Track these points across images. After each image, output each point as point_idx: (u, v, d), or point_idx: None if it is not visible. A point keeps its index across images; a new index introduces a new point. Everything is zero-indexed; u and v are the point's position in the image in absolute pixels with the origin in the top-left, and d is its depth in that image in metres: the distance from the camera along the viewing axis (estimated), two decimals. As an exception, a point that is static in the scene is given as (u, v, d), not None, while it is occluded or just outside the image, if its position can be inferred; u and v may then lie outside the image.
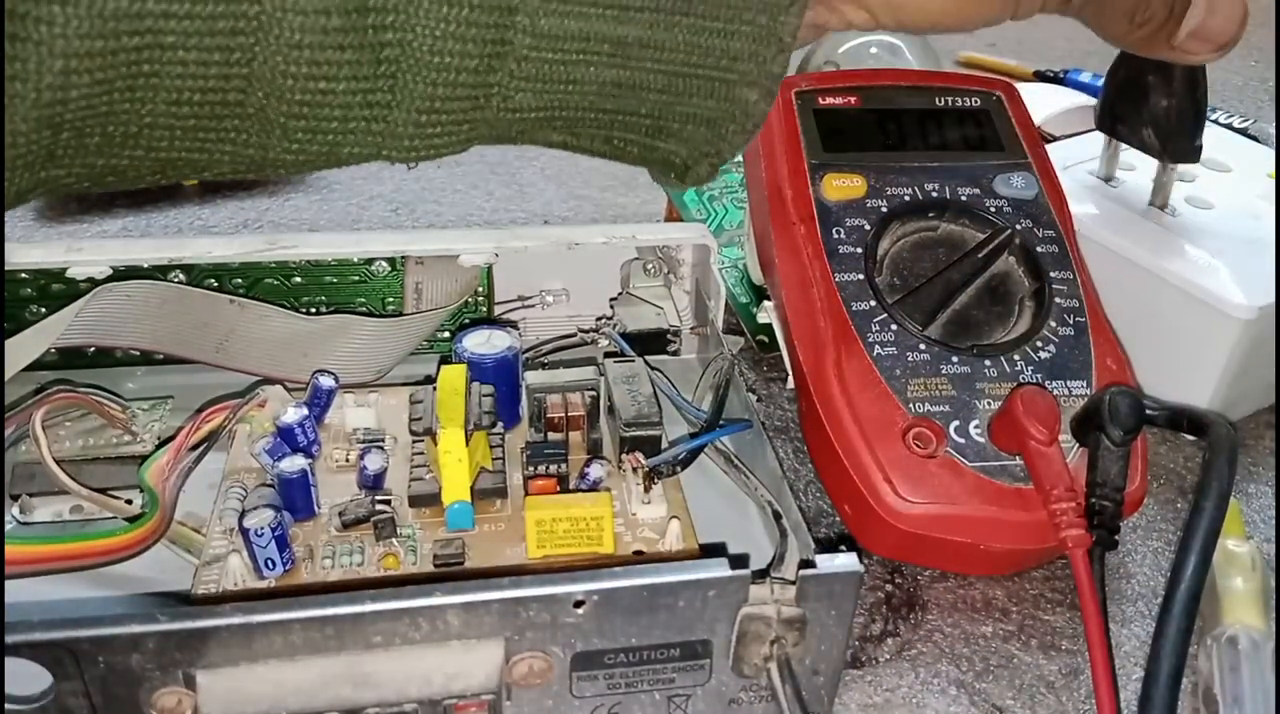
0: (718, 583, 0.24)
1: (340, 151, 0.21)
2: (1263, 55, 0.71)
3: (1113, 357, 0.33)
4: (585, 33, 0.20)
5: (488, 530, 0.30)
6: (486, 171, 0.57)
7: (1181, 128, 0.37)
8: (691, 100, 0.21)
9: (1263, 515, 0.36)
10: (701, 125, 0.22)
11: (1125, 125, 0.38)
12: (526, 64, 0.20)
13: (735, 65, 0.21)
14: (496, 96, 0.20)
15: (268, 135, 0.20)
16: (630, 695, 0.26)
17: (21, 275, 0.35)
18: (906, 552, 0.32)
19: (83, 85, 0.17)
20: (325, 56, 0.19)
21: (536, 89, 0.21)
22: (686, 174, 0.23)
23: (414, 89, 0.19)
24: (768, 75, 0.21)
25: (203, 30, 0.18)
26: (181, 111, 0.19)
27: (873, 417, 0.31)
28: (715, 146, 0.22)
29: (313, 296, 0.38)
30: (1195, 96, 0.36)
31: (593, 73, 0.20)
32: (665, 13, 0.20)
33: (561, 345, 0.39)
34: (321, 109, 0.19)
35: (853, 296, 0.33)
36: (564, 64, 0.20)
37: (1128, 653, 0.31)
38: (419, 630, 0.23)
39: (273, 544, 0.28)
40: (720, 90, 0.21)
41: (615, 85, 0.21)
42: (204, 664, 0.23)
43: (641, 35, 0.20)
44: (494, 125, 0.21)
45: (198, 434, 0.31)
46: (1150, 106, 0.37)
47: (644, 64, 0.21)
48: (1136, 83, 0.37)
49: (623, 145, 0.22)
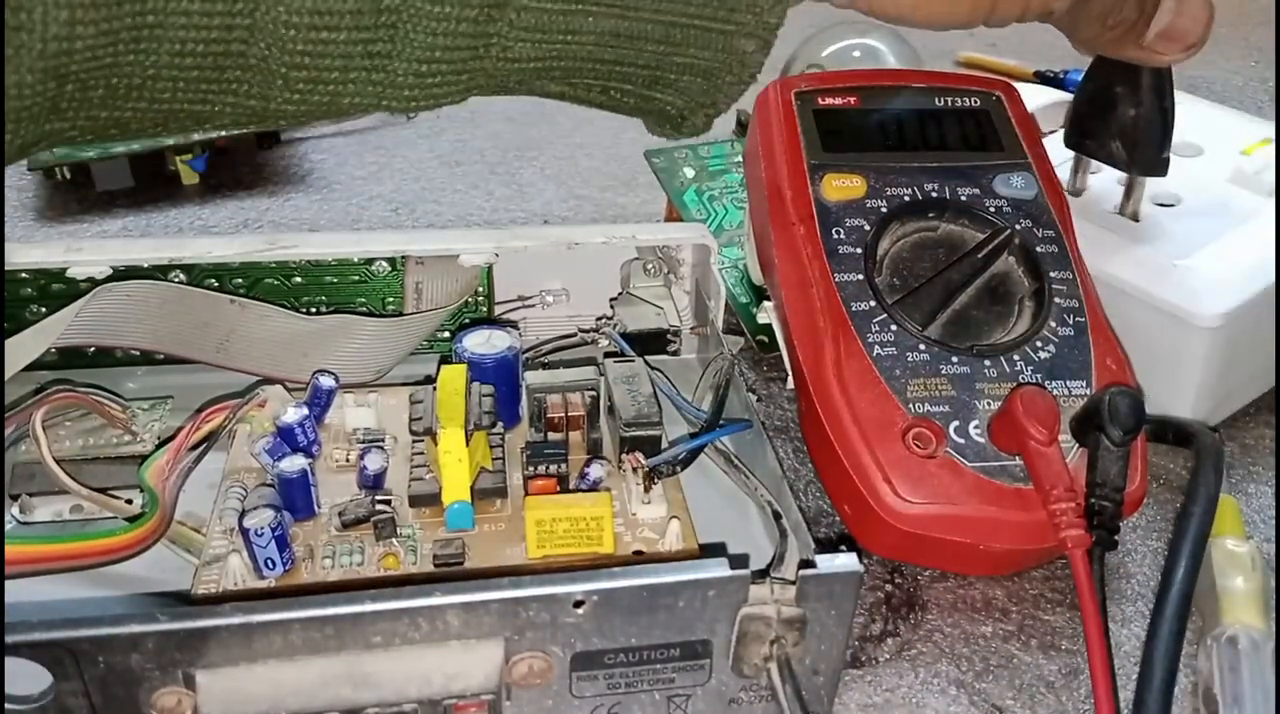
0: (718, 583, 0.24)
1: (341, 101, 0.21)
2: (1263, 55, 0.70)
3: (1112, 357, 0.33)
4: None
5: (488, 530, 0.30)
6: (486, 171, 0.57)
7: (1149, 138, 0.37)
8: (689, 51, 0.21)
9: (1263, 515, 0.36)
10: (698, 75, 0.22)
11: (1093, 139, 0.38)
12: (526, 14, 0.20)
13: (733, 16, 0.21)
14: (496, 46, 0.21)
15: (269, 86, 0.20)
16: (630, 695, 0.26)
17: (21, 275, 0.35)
18: (906, 552, 0.32)
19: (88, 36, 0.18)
20: (327, 6, 0.19)
21: (535, 39, 0.21)
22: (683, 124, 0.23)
23: (414, 39, 0.20)
24: (764, 26, 0.22)
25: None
26: (185, 63, 0.19)
27: (872, 417, 0.31)
28: (711, 97, 0.23)
29: (313, 296, 0.38)
30: (1163, 106, 0.36)
31: (591, 23, 0.20)
32: None
33: (561, 345, 0.39)
34: (323, 59, 0.20)
35: (852, 297, 0.33)
36: (563, 14, 0.20)
37: (1127, 653, 0.31)
38: (419, 630, 0.23)
39: (273, 544, 0.28)
40: (717, 41, 0.21)
41: (613, 35, 0.21)
42: (204, 664, 0.23)
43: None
44: (492, 75, 0.21)
45: (198, 434, 0.31)
46: (1118, 117, 0.37)
47: (642, 14, 0.21)
48: (1104, 94, 0.37)
49: (619, 96, 0.23)
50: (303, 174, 0.56)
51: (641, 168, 0.50)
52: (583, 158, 0.58)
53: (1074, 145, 0.39)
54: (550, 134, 0.60)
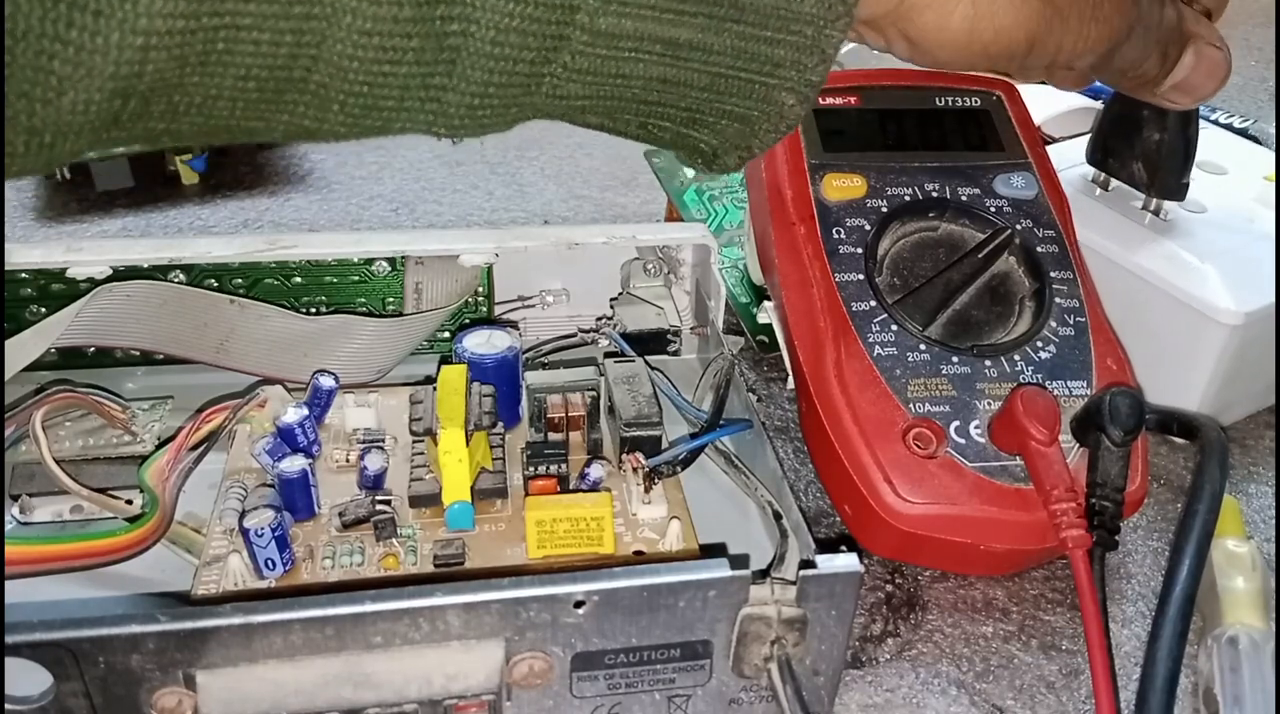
0: (718, 583, 0.24)
1: (392, 126, 0.21)
2: (1263, 55, 0.71)
3: (1113, 357, 0.33)
4: (640, 32, 0.21)
5: (488, 531, 0.30)
6: (486, 171, 0.57)
7: (1171, 164, 0.37)
8: (731, 99, 0.22)
9: (1263, 515, 0.36)
10: (736, 121, 0.23)
11: (1115, 159, 0.39)
12: (580, 58, 0.20)
13: (778, 71, 0.22)
14: (547, 85, 0.21)
15: (325, 109, 0.20)
16: (630, 696, 0.26)
17: (21, 275, 0.35)
18: (907, 552, 0.32)
19: (160, 60, 0.18)
20: (392, 43, 0.19)
21: (586, 81, 0.21)
22: (714, 162, 0.24)
23: (471, 75, 0.20)
24: (807, 83, 0.22)
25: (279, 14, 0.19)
26: (247, 86, 0.19)
27: (873, 417, 0.31)
28: (747, 142, 0.23)
29: (313, 297, 0.38)
30: (1186, 134, 0.37)
31: (641, 69, 0.21)
32: (717, 19, 0.21)
33: (562, 345, 0.39)
34: (381, 89, 0.20)
35: (853, 297, 0.33)
36: (616, 60, 0.21)
37: (1128, 653, 0.31)
38: (419, 631, 0.23)
39: (273, 544, 0.28)
40: (760, 92, 0.22)
41: (661, 81, 0.22)
42: (204, 664, 0.23)
43: (693, 38, 0.21)
44: (539, 109, 0.22)
45: (198, 434, 0.31)
46: (1142, 140, 0.37)
47: (691, 64, 0.21)
48: (1129, 117, 0.37)
49: (657, 132, 0.23)
50: (303, 174, 0.56)
51: (642, 168, 0.50)
52: (583, 157, 0.58)
53: (1097, 163, 0.40)
54: (551, 133, 0.60)
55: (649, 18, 0.20)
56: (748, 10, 0.21)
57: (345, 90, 0.20)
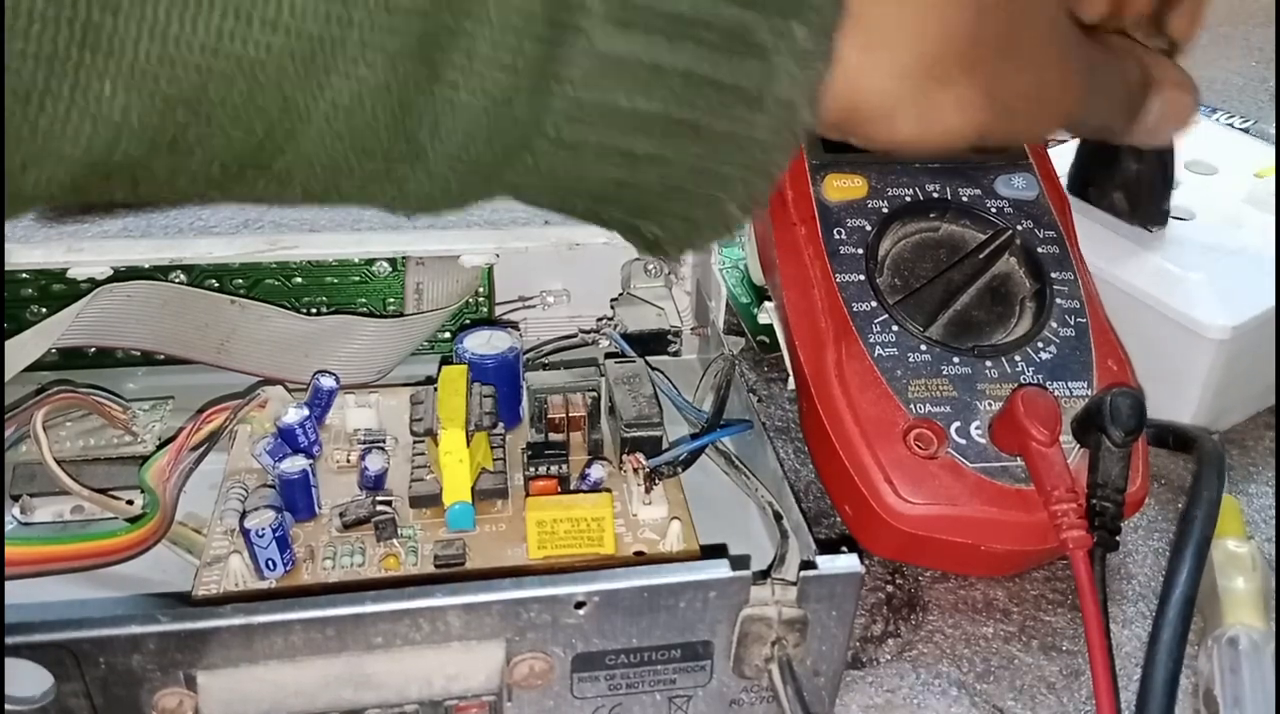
0: (719, 584, 0.24)
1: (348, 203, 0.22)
2: (1263, 55, 0.70)
3: (1114, 357, 0.33)
4: (602, 144, 0.21)
5: (488, 531, 0.30)
6: (487, 172, 0.56)
7: (1150, 193, 0.37)
8: (680, 204, 0.23)
9: (1263, 515, 0.36)
10: (682, 221, 0.23)
11: (1096, 188, 0.39)
12: (542, 160, 0.21)
13: (726, 186, 0.23)
14: (507, 182, 0.22)
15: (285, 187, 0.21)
16: (631, 696, 0.26)
17: (22, 275, 0.35)
18: (907, 552, 0.32)
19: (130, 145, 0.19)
20: (363, 143, 0.20)
21: (544, 183, 0.22)
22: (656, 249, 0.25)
23: (435, 170, 0.21)
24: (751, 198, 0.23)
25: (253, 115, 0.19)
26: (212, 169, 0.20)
27: (873, 417, 0.31)
28: (690, 238, 0.25)
29: (314, 297, 0.38)
30: (1164, 160, 0.37)
31: (598, 172, 0.22)
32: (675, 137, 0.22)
33: (562, 346, 0.39)
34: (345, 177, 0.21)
35: (854, 297, 0.33)
36: (576, 164, 0.22)
37: (1128, 654, 0.31)
38: (420, 631, 0.23)
39: (273, 545, 0.28)
40: (706, 201, 0.23)
41: (617, 184, 0.23)
42: (205, 665, 0.23)
43: (652, 151, 0.22)
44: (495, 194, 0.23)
45: (198, 435, 0.31)
46: (1121, 170, 0.38)
47: (648, 175, 0.22)
48: (1108, 148, 0.37)
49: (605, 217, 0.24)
50: (303, 174, 0.55)
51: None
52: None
53: (1077, 192, 0.40)
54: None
55: (613, 130, 0.21)
56: (704, 132, 0.22)
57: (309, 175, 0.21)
